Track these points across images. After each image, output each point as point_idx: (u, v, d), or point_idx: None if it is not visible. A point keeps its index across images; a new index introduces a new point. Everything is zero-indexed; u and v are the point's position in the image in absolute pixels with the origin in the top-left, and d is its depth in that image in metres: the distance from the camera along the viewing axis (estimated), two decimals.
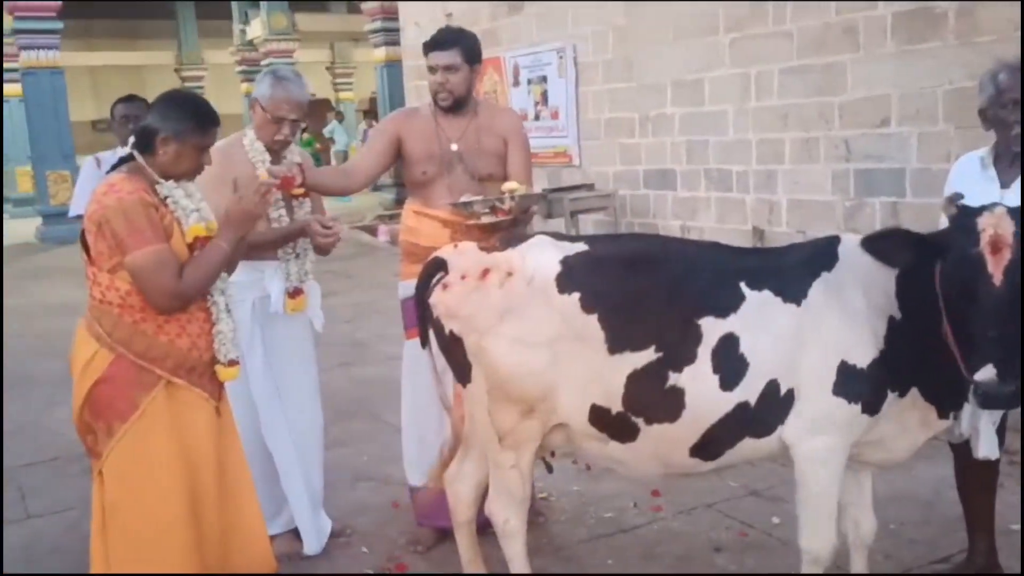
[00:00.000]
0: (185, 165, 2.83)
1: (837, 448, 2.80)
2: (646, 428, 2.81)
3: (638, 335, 2.77)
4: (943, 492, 3.86)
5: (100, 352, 2.77)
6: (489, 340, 2.83)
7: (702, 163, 7.40)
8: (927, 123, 5.72)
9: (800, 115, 6.53)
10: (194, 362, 2.84)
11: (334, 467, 4.25)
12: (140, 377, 2.77)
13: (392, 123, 3.81)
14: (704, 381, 2.75)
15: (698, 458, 2.86)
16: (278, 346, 3.66)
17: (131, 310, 2.75)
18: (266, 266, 3.60)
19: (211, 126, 2.87)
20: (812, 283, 2.79)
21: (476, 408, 3.00)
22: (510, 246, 2.95)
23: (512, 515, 3.04)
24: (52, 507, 4.37)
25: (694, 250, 3.09)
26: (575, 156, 8.71)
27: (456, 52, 3.63)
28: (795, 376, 2.75)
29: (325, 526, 3.85)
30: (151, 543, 2.79)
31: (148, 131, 2.82)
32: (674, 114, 7.60)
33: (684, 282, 2.83)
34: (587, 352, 2.78)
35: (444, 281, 2.94)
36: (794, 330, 2.75)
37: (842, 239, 2.90)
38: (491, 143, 3.75)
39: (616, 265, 2.87)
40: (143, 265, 2.69)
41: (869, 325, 2.75)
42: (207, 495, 2.88)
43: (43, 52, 14.71)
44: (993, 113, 3.02)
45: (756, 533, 3.80)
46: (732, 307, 2.78)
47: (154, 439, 2.79)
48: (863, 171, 6.14)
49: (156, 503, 2.79)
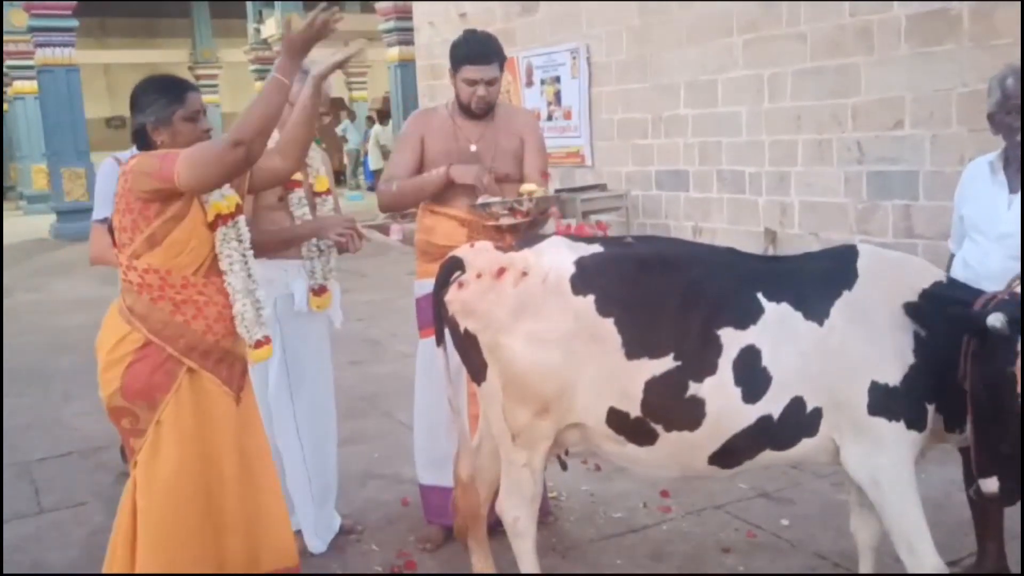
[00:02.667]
0: (186, 140, 2.83)
1: (896, 467, 2.76)
2: (665, 434, 2.80)
3: (656, 342, 2.76)
4: (953, 495, 3.85)
5: (131, 335, 2.78)
6: (504, 338, 2.84)
7: (715, 164, 7.40)
8: (941, 126, 5.72)
9: (813, 117, 6.53)
10: (208, 346, 2.84)
11: (345, 464, 4.27)
12: (168, 358, 2.78)
13: (414, 125, 3.82)
14: (726, 392, 2.73)
15: (716, 466, 2.86)
16: (297, 344, 3.69)
17: (149, 288, 2.77)
18: (289, 265, 3.63)
19: (184, 92, 2.87)
20: (834, 302, 2.76)
21: (491, 407, 3.01)
22: (526, 245, 2.96)
23: (523, 514, 3.04)
24: (65, 501, 4.40)
25: (708, 255, 3.06)
26: (588, 156, 8.73)
27: (496, 64, 3.64)
28: (822, 395, 2.73)
29: (334, 523, 3.87)
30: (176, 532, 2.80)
31: (139, 130, 2.85)
32: (687, 115, 7.61)
33: (700, 289, 2.81)
34: (603, 354, 2.78)
35: (460, 280, 2.95)
36: (818, 350, 2.73)
37: (860, 252, 2.87)
38: (508, 143, 3.76)
39: (631, 268, 2.86)
40: (191, 155, 2.66)
41: (894, 342, 2.73)
42: (228, 486, 2.88)
43: (59, 50, 14.78)
44: (1000, 118, 3.00)
45: (765, 535, 3.80)
46: (751, 318, 2.76)
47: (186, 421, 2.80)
48: (876, 173, 6.14)
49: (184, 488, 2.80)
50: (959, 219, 3.22)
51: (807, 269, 2.90)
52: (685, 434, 2.78)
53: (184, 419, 2.80)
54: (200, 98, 2.92)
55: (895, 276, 2.82)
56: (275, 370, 3.65)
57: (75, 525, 4.14)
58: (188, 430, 2.81)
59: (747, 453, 2.82)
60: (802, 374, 2.73)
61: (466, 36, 3.72)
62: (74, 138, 15.23)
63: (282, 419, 3.68)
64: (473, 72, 3.61)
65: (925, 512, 3.92)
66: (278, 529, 3.05)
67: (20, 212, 20.45)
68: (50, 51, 14.75)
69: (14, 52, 18.59)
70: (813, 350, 2.73)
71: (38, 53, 14.89)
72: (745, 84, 7.00)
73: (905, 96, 5.90)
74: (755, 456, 2.83)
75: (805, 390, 2.73)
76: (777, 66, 6.73)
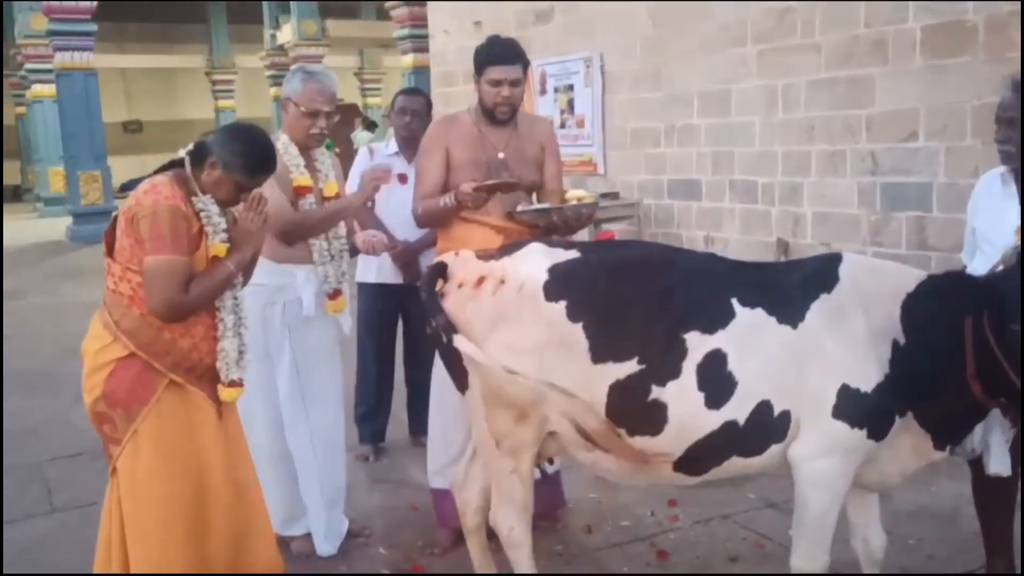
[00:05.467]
0: (222, 194, 2.87)
1: (840, 472, 2.75)
2: (628, 440, 2.78)
3: (621, 345, 2.74)
4: (963, 508, 3.83)
5: (112, 345, 2.82)
6: (483, 347, 2.84)
7: (727, 174, 7.39)
8: (955, 138, 5.70)
9: (827, 128, 6.51)
10: (193, 363, 2.87)
11: (354, 469, 4.29)
12: (151, 369, 2.82)
13: (438, 133, 3.78)
14: (688, 397, 2.71)
15: (682, 473, 2.83)
16: (307, 349, 3.70)
17: (140, 303, 2.80)
18: (298, 270, 3.65)
19: (260, 173, 2.90)
20: (810, 305, 2.74)
21: (475, 415, 3.02)
22: (506, 254, 2.97)
23: (516, 522, 3.03)
24: (76, 501, 4.43)
25: (687, 261, 3.03)
26: (600, 165, 8.73)
27: (520, 66, 3.67)
28: (791, 399, 2.71)
29: (342, 527, 3.88)
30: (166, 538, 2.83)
31: (203, 148, 2.87)
32: (700, 125, 7.60)
33: (672, 294, 2.79)
34: (572, 361, 2.77)
35: (442, 289, 2.97)
36: (790, 352, 2.71)
37: (844, 258, 2.86)
38: (532, 151, 3.79)
39: (604, 274, 2.85)
40: (154, 270, 2.74)
41: (872, 349, 2.70)
42: (215, 496, 2.91)
43: (77, 54, 14.91)
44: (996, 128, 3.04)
45: (773, 545, 3.79)
46: (720, 323, 2.74)
47: (168, 431, 2.83)
48: (889, 185, 6.12)
49: (169, 497, 2.83)
50: (971, 231, 3.22)
51: (789, 275, 2.89)
52: (648, 439, 2.77)
53: (164, 430, 2.83)
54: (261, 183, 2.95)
55: (876, 283, 2.79)
56: (285, 376, 3.67)
57: (85, 525, 4.16)
58: (169, 440, 2.83)
59: (713, 460, 2.80)
60: (770, 378, 2.71)
61: (490, 40, 3.78)
62: (91, 142, 15.36)
63: (295, 424, 3.70)
64: (497, 72, 3.63)
65: (935, 526, 3.94)
66: (263, 538, 3.09)
67: (36, 214, 20.62)
68: (69, 55, 14.89)
69: (33, 55, 18.77)
70: (784, 353, 2.71)
71: (57, 57, 15.04)
72: (758, 94, 6.99)
73: (919, 108, 5.88)
74: (722, 463, 2.80)
75: (772, 394, 2.71)
76: (791, 76, 6.72)
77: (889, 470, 2.89)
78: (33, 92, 20.15)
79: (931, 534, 3.85)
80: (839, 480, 2.77)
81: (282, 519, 3.71)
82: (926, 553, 3.70)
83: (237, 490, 2.98)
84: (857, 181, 6.33)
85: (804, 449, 2.74)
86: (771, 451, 2.78)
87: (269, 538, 3.13)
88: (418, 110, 4.86)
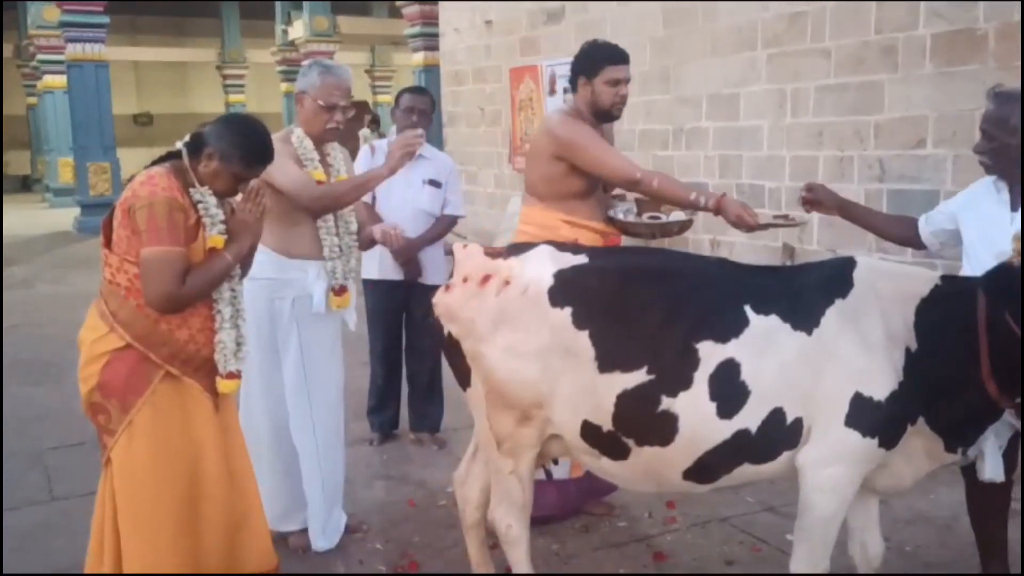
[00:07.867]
0: (220, 185, 2.88)
1: (848, 479, 2.73)
2: (637, 449, 2.76)
3: (629, 355, 2.71)
4: (961, 516, 3.81)
5: (109, 336, 2.82)
6: (484, 347, 2.83)
7: (735, 178, 7.38)
8: (963, 146, 5.67)
9: (835, 133, 6.50)
10: (190, 355, 2.87)
11: (352, 464, 4.29)
12: (147, 360, 2.82)
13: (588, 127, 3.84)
14: (700, 407, 2.67)
15: (692, 481, 2.81)
16: (312, 344, 3.71)
17: (136, 294, 2.80)
18: (310, 266, 3.65)
19: (257, 164, 2.90)
20: (825, 310, 2.70)
21: (476, 412, 3.02)
22: (515, 253, 2.94)
23: (514, 521, 3.03)
24: (76, 490, 4.45)
25: (698, 268, 2.99)
26: None
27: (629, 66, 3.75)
28: (805, 405, 2.68)
29: (340, 522, 3.88)
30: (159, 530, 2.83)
31: (201, 139, 2.87)
32: (708, 128, 7.59)
33: (683, 302, 2.75)
34: (578, 367, 2.74)
35: (447, 283, 2.96)
36: (805, 359, 2.67)
37: (857, 262, 2.81)
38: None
39: (612, 281, 2.82)
40: (151, 262, 2.74)
41: (887, 356, 2.66)
42: (210, 488, 2.91)
43: (89, 45, 14.97)
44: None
45: (770, 549, 3.78)
46: (734, 332, 2.69)
47: (163, 422, 2.83)
48: (897, 191, 6.10)
49: (162, 489, 2.83)
50: (948, 212, 3.23)
51: (803, 280, 2.84)
52: (657, 449, 2.74)
53: (159, 421, 2.83)
54: (259, 174, 2.96)
55: (891, 287, 2.76)
56: (291, 370, 3.67)
57: (85, 513, 4.16)
58: (163, 432, 2.83)
59: (724, 468, 2.77)
60: (784, 385, 2.67)
61: (594, 43, 3.85)
62: (101, 133, 15.41)
63: (299, 418, 3.70)
64: (616, 72, 3.71)
65: (933, 533, 3.93)
66: (258, 532, 3.09)
67: (46, 204, 20.69)
68: (80, 47, 14.94)
69: (45, 47, 18.85)
70: (799, 359, 2.67)
71: (68, 48, 15.09)
72: (767, 98, 6.98)
73: (928, 115, 5.86)
74: (732, 471, 2.78)
75: (786, 401, 2.67)
76: (800, 81, 6.70)
77: (902, 474, 2.86)
78: (44, 83, 20.25)
79: (929, 541, 3.85)
80: (846, 487, 2.75)
81: (279, 514, 3.72)
82: (924, 560, 3.69)
83: (232, 482, 2.98)
84: (864, 187, 6.31)
85: (813, 455, 2.71)
86: (782, 458, 2.75)
87: (263, 531, 3.13)
88: (425, 109, 4.87)
